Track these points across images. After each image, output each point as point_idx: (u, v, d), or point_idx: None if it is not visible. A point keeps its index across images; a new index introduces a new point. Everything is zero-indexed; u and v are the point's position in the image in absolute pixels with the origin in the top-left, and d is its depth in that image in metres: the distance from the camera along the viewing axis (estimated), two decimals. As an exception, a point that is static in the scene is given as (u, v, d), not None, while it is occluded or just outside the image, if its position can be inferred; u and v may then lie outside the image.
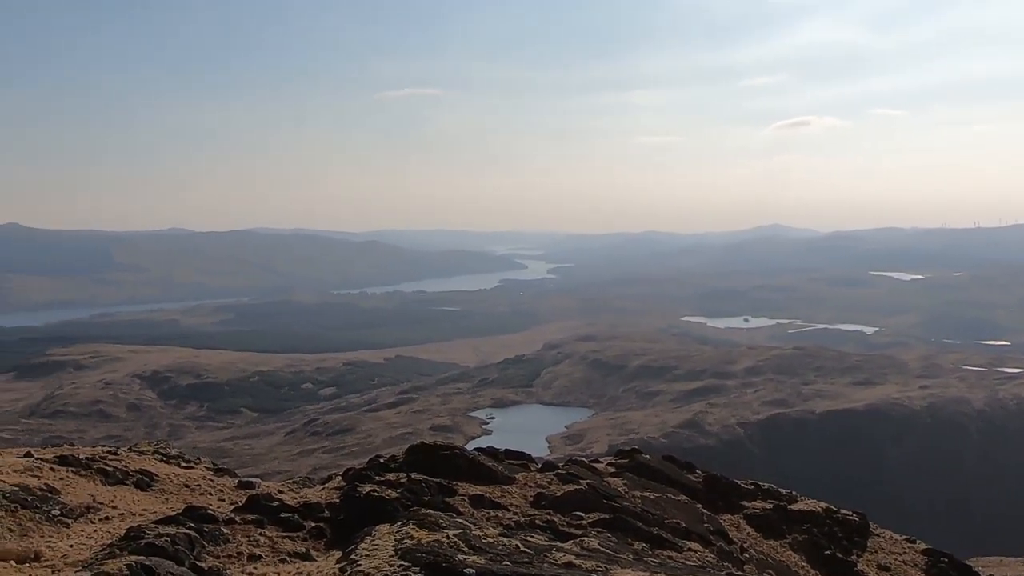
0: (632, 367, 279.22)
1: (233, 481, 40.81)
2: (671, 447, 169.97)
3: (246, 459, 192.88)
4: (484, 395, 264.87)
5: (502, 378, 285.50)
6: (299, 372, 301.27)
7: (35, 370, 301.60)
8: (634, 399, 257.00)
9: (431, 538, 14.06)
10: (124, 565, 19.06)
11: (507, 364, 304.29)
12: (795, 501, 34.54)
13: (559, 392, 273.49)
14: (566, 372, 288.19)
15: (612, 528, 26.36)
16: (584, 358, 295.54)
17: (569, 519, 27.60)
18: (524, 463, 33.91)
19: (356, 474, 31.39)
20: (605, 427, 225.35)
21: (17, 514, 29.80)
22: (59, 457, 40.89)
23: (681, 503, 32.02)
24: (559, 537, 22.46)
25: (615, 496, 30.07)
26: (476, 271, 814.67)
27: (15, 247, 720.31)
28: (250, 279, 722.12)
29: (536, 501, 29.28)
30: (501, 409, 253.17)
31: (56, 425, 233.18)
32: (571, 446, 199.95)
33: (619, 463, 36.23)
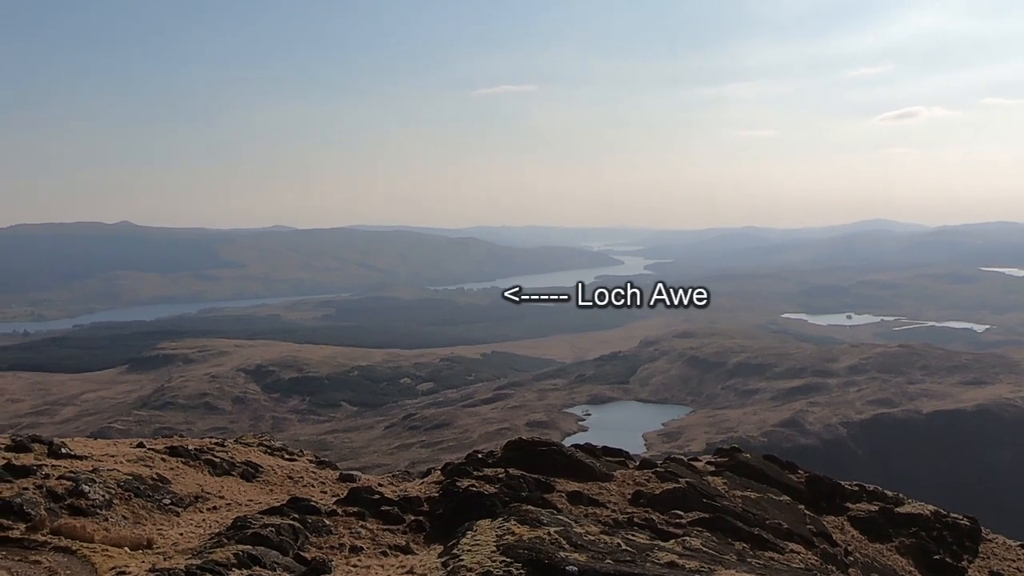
0: (730, 364, 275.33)
1: (334, 474, 41.67)
2: (770, 446, 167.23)
3: (346, 452, 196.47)
4: (580, 391, 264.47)
5: (598, 374, 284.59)
6: (397, 367, 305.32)
7: (146, 363, 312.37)
8: (732, 397, 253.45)
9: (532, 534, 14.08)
10: (231, 554, 19.55)
11: (603, 360, 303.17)
12: (902, 504, 33.56)
13: (656, 389, 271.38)
14: (663, 369, 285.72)
15: (712, 528, 26.04)
16: (681, 355, 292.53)
17: (668, 518, 27.34)
18: (622, 460, 33.73)
19: (454, 469, 31.67)
20: (703, 425, 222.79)
21: (131, 502, 30.90)
22: (169, 448, 42.28)
23: (783, 504, 31.43)
24: (660, 536, 22.28)
25: (715, 495, 29.67)
26: (572, 267, 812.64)
27: (127, 245, 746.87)
28: (350, 275, 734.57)
29: (634, 499, 29.09)
30: (597, 405, 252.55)
31: (166, 416, 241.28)
32: (668, 444, 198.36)
33: (718, 462, 35.74)
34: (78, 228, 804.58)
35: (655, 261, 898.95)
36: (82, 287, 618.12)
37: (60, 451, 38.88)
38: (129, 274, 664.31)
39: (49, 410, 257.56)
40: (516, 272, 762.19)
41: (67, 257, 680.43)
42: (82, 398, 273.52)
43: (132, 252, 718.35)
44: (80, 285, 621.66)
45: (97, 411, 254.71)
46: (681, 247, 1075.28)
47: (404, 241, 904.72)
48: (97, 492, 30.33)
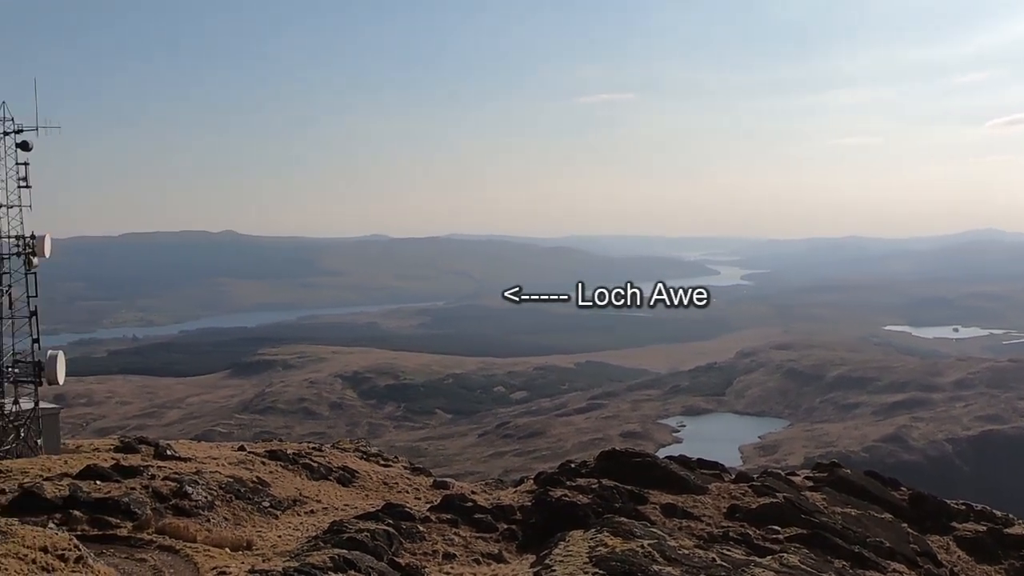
0: (830, 377, 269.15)
1: (428, 480, 42.09)
2: (872, 462, 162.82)
3: (440, 459, 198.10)
4: (675, 402, 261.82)
5: (693, 385, 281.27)
6: (491, 375, 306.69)
7: (248, 368, 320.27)
8: (832, 411, 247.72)
9: (625, 547, 13.95)
10: (328, 558, 19.91)
11: (699, 372, 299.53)
12: (1011, 524, 32.27)
13: (752, 401, 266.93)
14: (760, 381, 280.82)
15: (810, 544, 25.46)
16: (779, 367, 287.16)
17: (765, 533, 26.83)
18: (717, 473, 33.28)
19: (548, 478, 31.69)
20: (801, 439, 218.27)
21: (232, 504, 31.69)
22: (269, 452, 43.22)
23: (885, 521, 30.55)
24: (756, 551, 21.86)
25: (813, 511, 29.02)
26: (667, 277, 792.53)
27: (230, 253, 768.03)
28: (445, 283, 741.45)
29: (730, 513, 28.65)
30: (692, 417, 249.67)
31: (266, 421, 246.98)
32: (765, 457, 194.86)
33: (817, 477, 34.96)
34: (185, 237, 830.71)
35: (752, 271, 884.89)
36: (188, 294, 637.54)
37: (166, 453, 40.21)
38: (233, 281, 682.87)
39: (156, 413, 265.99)
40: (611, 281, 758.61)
41: (174, 265, 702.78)
42: (187, 401, 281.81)
43: (236, 260, 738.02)
44: (186, 292, 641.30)
45: (201, 414, 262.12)
46: (780, 257, 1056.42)
47: (500, 250, 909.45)
48: (200, 493, 31.25)
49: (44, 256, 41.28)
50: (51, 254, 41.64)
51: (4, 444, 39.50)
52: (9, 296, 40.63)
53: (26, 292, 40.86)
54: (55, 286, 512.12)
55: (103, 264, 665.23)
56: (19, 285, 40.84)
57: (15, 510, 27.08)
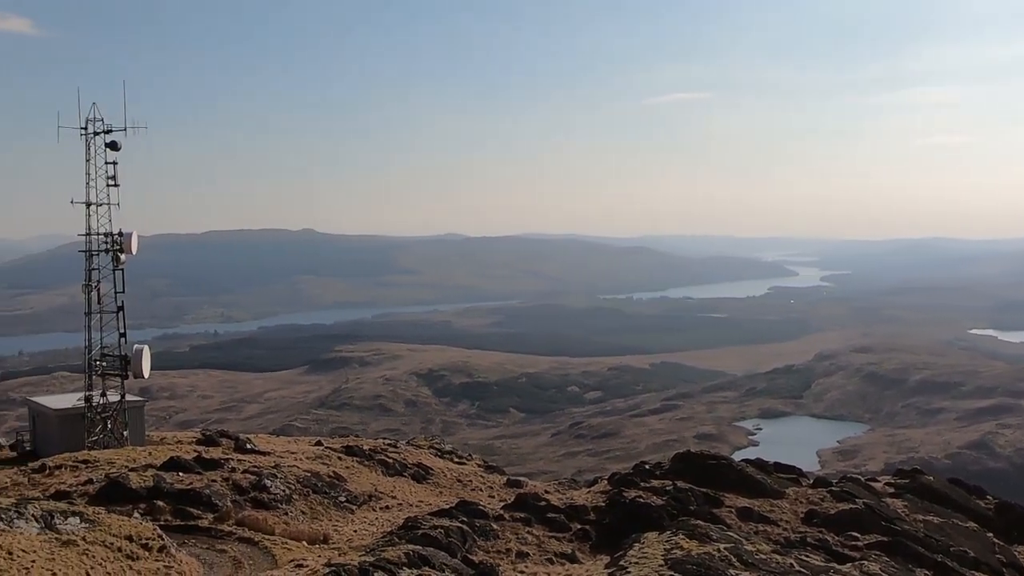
0: (912, 382, 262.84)
1: (502, 479, 42.20)
2: (955, 469, 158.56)
3: (513, 458, 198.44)
4: (751, 405, 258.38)
5: (770, 388, 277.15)
6: (565, 375, 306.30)
7: (325, 365, 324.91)
8: (914, 416, 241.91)
9: (701, 550, 13.77)
10: (402, 553, 20.09)
11: (776, 374, 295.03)
12: (1105, 536, 31.10)
13: (831, 405, 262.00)
14: (839, 384, 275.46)
15: (891, 552, 24.88)
16: (859, 370, 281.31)
17: (844, 539, 26.31)
18: (794, 477, 32.75)
19: (621, 479, 31.54)
20: (881, 444, 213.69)
21: (309, 498, 32.21)
22: (346, 447, 43.74)
23: (969, 530, 29.72)
24: (835, 558, 21.45)
25: (894, 518, 28.38)
26: (744, 277, 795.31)
27: (309, 251, 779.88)
28: (520, 283, 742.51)
29: (807, 518, 28.17)
30: (769, 420, 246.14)
31: (342, 416, 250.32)
32: (844, 462, 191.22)
33: (898, 483, 34.18)
34: (265, 235, 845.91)
35: (832, 272, 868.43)
36: (268, 291, 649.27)
37: (245, 446, 41.04)
38: (311, 279, 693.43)
39: (235, 407, 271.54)
40: (687, 282, 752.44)
41: (254, 262, 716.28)
42: (265, 396, 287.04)
43: (314, 258, 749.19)
44: (266, 289, 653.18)
45: (279, 409, 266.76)
46: (861, 258, 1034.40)
47: (574, 250, 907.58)
48: (278, 487, 31.85)
49: (131, 253, 42.39)
50: (137, 251, 42.73)
51: (92, 435, 40.69)
52: (98, 291, 41.83)
53: (114, 288, 42.01)
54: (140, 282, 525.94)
55: (187, 261, 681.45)
56: (107, 281, 42.03)
57: (102, 499, 27.92)
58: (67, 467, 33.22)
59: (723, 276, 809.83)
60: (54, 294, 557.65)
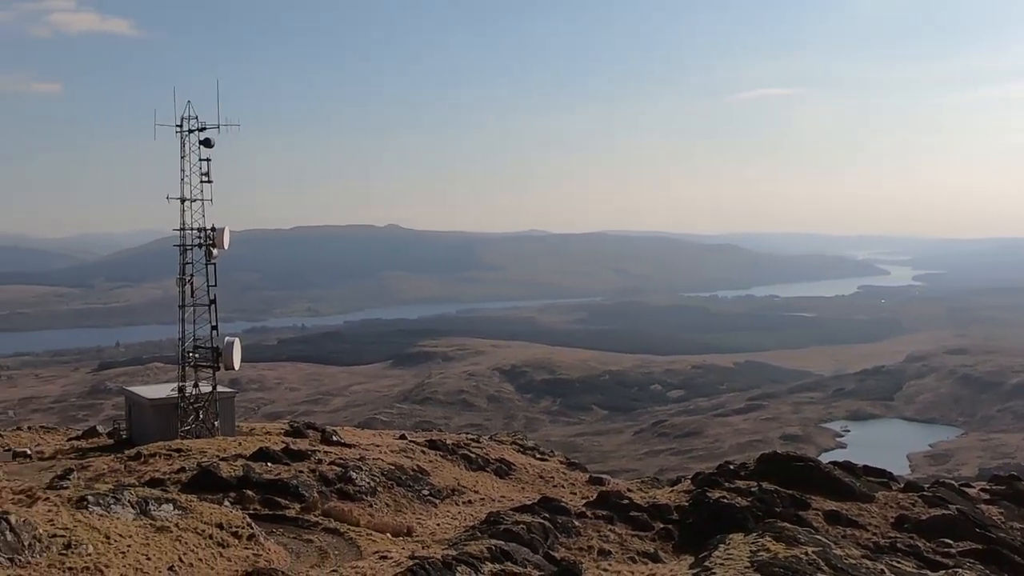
0: (1010, 385, 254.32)
1: (584, 476, 42.12)
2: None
3: (595, 455, 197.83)
4: (839, 406, 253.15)
5: (859, 389, 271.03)
6: (648, 373, 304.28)
7: (409, 360, 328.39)
8: (1011, 420, 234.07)
9: (788, 553, 13.49)
10: (485, 548, 20.20)
11: (865, 375, 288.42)
12: None
13: (923, 407, 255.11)
14: (932, 386, 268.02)
15: (985, 560, 24.13)
16: (953, 372, 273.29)
17: (936, 546, 25.61)
18: (884, 481, 31.98)
19: (705, 479, 31.21)
20: (976, 448, 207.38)
21: (393, 491, 32.59)
22: (429, 441, 44.17)
23: (1070, 540, 28.62)
24: (927, 565, 20.89)
25: (989, 525, 27.50)
26: (833, 276, 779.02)
27: (394, 247, 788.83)
28: (604, 280, 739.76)
29: (898, 523, 27.48)
30: (857, 422, 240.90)
31: (425, 411, 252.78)
32: (936, 467, 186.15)
33: (994, 489, 33.12)
34: (351, 230, 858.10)
35: (925, 272, 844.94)
36: (353, 286, 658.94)
37: (332, 439, 41.71)
38: (396, 274, 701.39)
39: (321, 400, 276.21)
40: (773, 280, 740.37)
41: (341, 257, 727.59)
42: (350, 389, 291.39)
43: (399, 254, 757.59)
44: (352, 284, 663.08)
45: (364, 402, 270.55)
46: (955, 257, 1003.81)
47: (659, 247, 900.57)
48: (363, 479, 32.31)
49: (223, 248, 43.42)
50: (229, 246, 43.75)
51: (184, 425, 41.83)
52: (191, 285, 42.96)
53: (206, 281, 43.09)
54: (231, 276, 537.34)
55: (275, 256, 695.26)
56: (200, 275, 43.14)
57: (194, 487, 28.68)
58: (161, 455, 34.20)
59: (811, 275, 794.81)
60: (149, 287, 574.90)
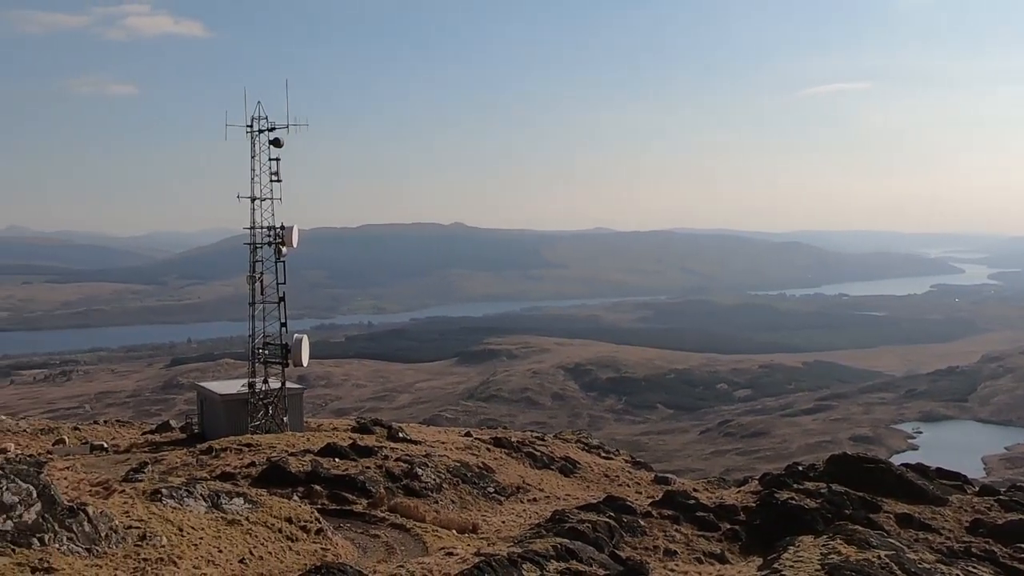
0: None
1: (649, 475, 41.88)
2: None
3: (660, 454, 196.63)
4: (911, 407, 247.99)
5: (932, 390, 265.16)
6: (714, 372, 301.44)
7: (474, 357, 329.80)
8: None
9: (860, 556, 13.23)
10: (550, 546, 20.20)
11: (938, 375, 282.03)
12: None
13: (999, 409, 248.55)
14: (1008, 388, 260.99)
15: (1067, 567, 23.42)
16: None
17: (1013, 551, 24.92)
18: (958, 484, 31.25)
19: (773, 480, 30.81)
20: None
21: (459, 488, 32.76)
22: (494, 439, 44.27)
23: None
24: (1004, 571, 20.36)
25: (1070, 531, 26.70)
26: (905, 275, 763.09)
27: (459, 245, 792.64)
28: (669, 278, 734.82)
29: (972, 527, 26.83)
30: (930, 423, 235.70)
31: (489, 408, 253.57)
32: (1012, 470, 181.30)
33: (1076, 495, 32.15)
34: (417, 228, 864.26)
35: (1001, 270, 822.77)
36: (419, 283, 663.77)
37: (398, 435, 42.08)
38: (461, 272, 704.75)
39: (387, 396, 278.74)
40: (843, 279, 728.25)
41: (407, 255, 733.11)
42: (416, 386, 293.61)
43: (464, 251, 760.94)
44: (417, 281, 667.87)
45: (429, 399, 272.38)
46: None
47: (725, 245, 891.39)
48: (429, 476, 32.53)
49: (292, 246, 44.04)
50: (298, 244, 44.36)
51: (254, 420, 42.54)
52: (261, 282, 43.66)
53: (276, 279, 43.77)
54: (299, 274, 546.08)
55: (342, 254, 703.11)
56: (269, 272, 43.82)
57: (263, 481, 29.15)
58: (232, 450, 34.82)
59: (882, 273, 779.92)
60: (220, 284, 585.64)
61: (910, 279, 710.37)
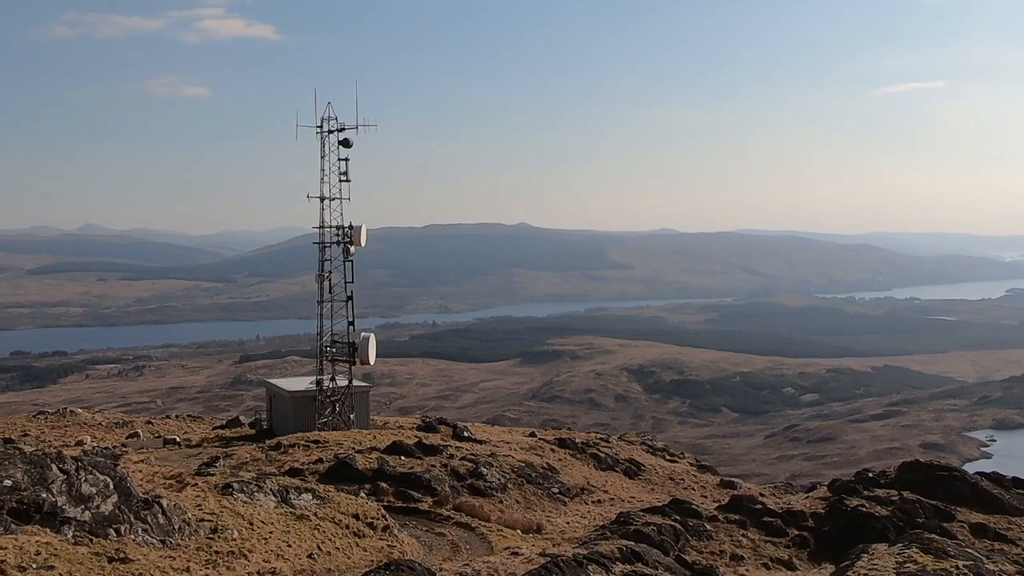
0: None
1: (715, 479, 41.52)
2: None
3: (724, 458, 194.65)
4: (984, 414, 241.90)
5: (1006, 397, 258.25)
6: (780, 375, 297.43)
7: (537, 357, 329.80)
8: None
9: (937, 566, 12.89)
10: (616, 548, 20.15)
11: (1013, 382, 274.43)
12: None
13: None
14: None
15: None
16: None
17: (1094, 565, 24.27)
18: (1037, 494, 30.43)
19: (843, 486, 30.33)
20: None
21: (523, 488, 32.83)
22: (558, 439, 44.27)
23: None
24: (1085, 584, 19.84)
25: None
26: (979, 278, 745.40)
27: (524, 245, 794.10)
28: (734, 280, 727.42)
29: (1052, 539, 26.13)
30: (1004, 431, 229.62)
31: (552, 409, 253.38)
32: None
33: None
34: (481, 229, 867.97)
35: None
36: (483, 283, 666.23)
37: (463, 434, 42.29)
38: (525, 272, 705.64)
39: (451, 395, 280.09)
40: (914, 282, 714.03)
41: (471, 255, 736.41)
42: (480, 386, 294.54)
43: (528, 252, 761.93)
44: (481, 281, 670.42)
45: (492, 399, 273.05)
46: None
47: (792, 246, 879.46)
48: (494, 475, 32.65)
49: (360, 245, 44.51)
50: (365, 243, 44.83)
51: (321, 417, 43.09)
52: (329, 281, 44.21)
53: (344, 278, 44.29)
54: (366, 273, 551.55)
55: (407, 253, 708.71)
56: (337, 271, 44.35)
57: (330, 478, 29.53)
58: (300, 446, 35.31)
59: (955, 277, 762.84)
60: (288, 283, 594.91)
61: (984, 283, 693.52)
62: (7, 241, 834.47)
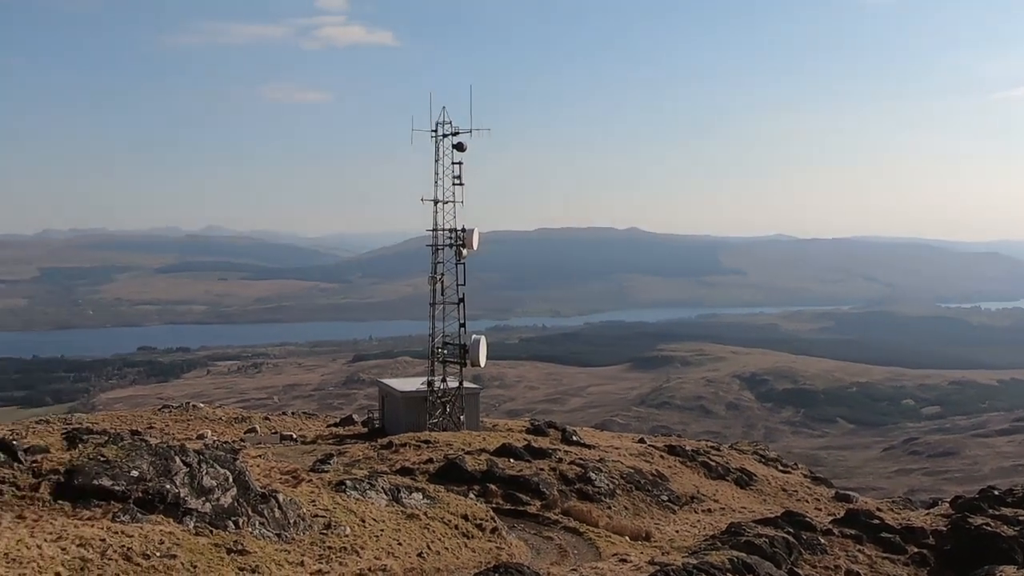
0: None
1: (830, 492, 40.54)
2: None
3: (839, 470, 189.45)
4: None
5: None
6: (900, 387, 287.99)
7: (647, 363, 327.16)
8: None
9: (1067, 591, 12.40)
10: (726, 559, 19.84)
11: None
12: None
13: None
14: None
15: None
16: None
17: None
18: None
19: (966, 503, 29.19)
20: None
21: (632, 494, 32.65)
22: (668, 446, 43.90)
23: None
24: None
25: None
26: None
27: (634, 250, 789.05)
28: (852, 287, 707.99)
29: None
30: None
31: (661, 415, 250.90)
32: None
33: None
34: (592, 233, 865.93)
35: None
36: (593, 288, 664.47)
37: (572, 438, 42.31)
38: (635, 277, 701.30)
39: (560, 399, 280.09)
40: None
41: (581, 259, 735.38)
42: (588, 391, 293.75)
43: (639, 257, 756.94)
44: (591, 286, 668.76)
45: (601, 404, 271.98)
46: None
47: (914, 254, 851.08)
48: (603, 481, 32.54)
49: (472, 248, 44.99)
50: (477, 246, 45.27)
51: (432, 417, 43.66)
52: (442, 283, 44.82)
53: (456, 280, 44.82)
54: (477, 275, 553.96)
55: (518, 257, 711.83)
56: (450, 273, 44.93)
57: (440, 478, 29.89)
58: (411, 445, 35.86)
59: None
60: (401, 284, 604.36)
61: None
62: (135, 241, 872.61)
